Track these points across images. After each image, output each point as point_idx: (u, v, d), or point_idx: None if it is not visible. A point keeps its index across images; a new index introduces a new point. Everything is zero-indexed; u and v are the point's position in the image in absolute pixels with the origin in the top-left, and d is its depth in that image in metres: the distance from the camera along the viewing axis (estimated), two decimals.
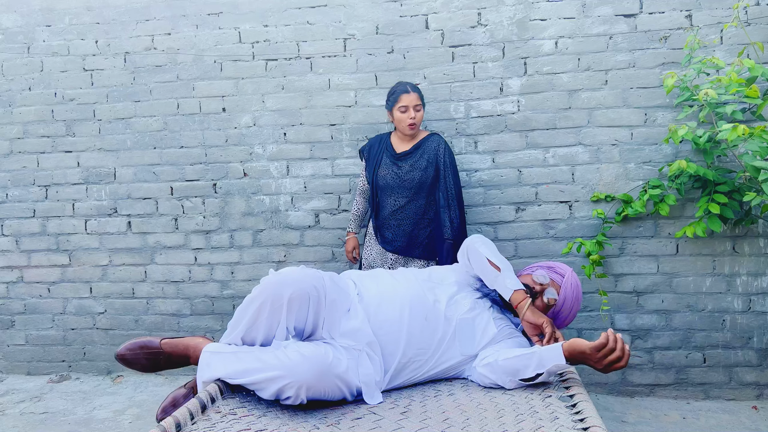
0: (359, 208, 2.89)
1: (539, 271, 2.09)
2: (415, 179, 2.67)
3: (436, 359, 1.89)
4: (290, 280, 1.70)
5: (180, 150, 3.24)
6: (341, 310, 1.82)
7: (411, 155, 2.71)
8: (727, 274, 2.86)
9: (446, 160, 2.67)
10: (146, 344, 1.90)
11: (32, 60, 3.31)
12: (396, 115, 2.66)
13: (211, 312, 3.27)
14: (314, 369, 1.60)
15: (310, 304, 1.71)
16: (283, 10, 3.10)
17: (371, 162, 2.78)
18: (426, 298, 1.92)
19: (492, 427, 1.49)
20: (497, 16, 2.95)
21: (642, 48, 2.86)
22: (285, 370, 1.59)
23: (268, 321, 1.71)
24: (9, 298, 3.43)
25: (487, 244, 2.06)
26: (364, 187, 2.86)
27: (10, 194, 3.38)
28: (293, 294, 1.68)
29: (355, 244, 2.90)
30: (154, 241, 3.29)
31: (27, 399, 3.06)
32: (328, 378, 1.64)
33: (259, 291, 1.72)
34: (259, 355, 1.67)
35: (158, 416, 1.85)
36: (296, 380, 1.58)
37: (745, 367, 2.87)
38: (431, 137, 2.74)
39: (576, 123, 2.93)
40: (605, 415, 2.69)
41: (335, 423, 1.60)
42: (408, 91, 2.64)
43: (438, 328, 1.88)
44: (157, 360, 1.91)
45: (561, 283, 2.05)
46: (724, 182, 2.66)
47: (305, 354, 1.62)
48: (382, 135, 2.85)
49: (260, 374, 1.62)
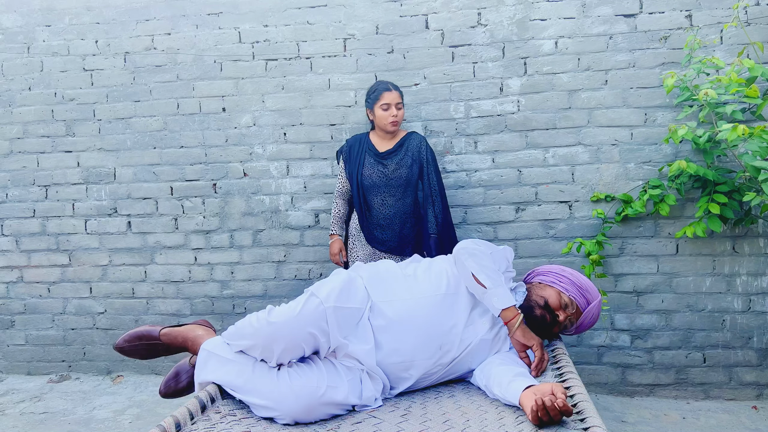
0: (340, 209, 2.86)
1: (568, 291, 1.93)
2: (402, 177, 2.68)
3: (444, 373, 1.86)
4: (282, 335, 1.64)
5: (180, 150, 3.24)
6: (348, 330, 1.74)
7: (395, 153, 2.72)
8: (727, 274, 2.86)
9: (428, 157, 2.72)
10: (145, 334, 1.91)
11: (32, 60, 3.31)
12: (377, 112, 2.68)
13: (211, 312, 3.26)
14: (302, 404, 1.60)
15: (305, 349, 1.68)
16: (283, 10, 3.10)
17: (353, 163, 2.77)
18: (442, 325, 1.80)
19: (492, 428, 1.49)
20: (497, 16, 2.95)
21: (642, 48, 2.86)
22: (274, 402, 1.61)
23: (260, 357, 1.70)
24: (9, 298, 3.43)
25: (474, 256, 1.85)
26: (343, 188, 2.84)
27: (10, 194, 3.38)
28: (285, 348, 1.65)
29: (341, 246, 2.88)
30: (154, 241, 3.29)
31: (27, 399, 3.06)
32: (318, 410, 1.63)
33: (251, 332, 1.68)
34: (252, 377, 1.66)
35: (161, 389, 1.89)
36: (284, 413, 1.60)
37: (745, 367, 2.87)
38: (412, 135, 2.76)
39: (576, 123, 2.93)
40: (605, 415, 2.69)
41: (335, 427, 1.60)
42: (390, 89, 2.66)
43: (451, 352, 1.81)
44: (156, 350, 1.93)
45: (584, 310, 1.93)
46: (724, 182, 2.66)
47: (295, 388, 1.61)
48: (359, 135, 2.84)
49: (251, 398, 1.64)
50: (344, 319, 1.72)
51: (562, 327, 1.93)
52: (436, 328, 1.79)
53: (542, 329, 1.91)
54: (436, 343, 1.78)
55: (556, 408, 1.37)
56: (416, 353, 1.77)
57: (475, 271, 1.81)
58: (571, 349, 2.98)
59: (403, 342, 1.76)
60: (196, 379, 1.77)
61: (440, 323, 1.80)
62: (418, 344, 1.77)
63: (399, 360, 1.76)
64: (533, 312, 1.89)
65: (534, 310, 1.90)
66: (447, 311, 1.82)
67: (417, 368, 1.79)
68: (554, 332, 1.95)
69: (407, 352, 1.76)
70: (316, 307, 1.67)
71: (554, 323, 1.89)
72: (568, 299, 1.91)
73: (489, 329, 1.84)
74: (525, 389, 1.53)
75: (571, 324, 1.94)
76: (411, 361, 1.77)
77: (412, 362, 1.77)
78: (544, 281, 1.98)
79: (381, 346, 1.75)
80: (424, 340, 1.77)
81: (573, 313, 1.91)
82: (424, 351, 1.78)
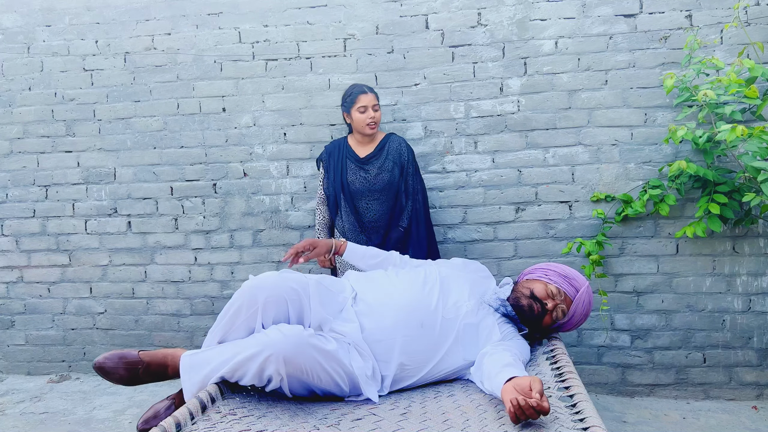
0: (324, 216, 2.82)
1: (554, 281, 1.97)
2: (385, 180, 2.66)
3: (436, 363, 1.87)
4: (266, 284, 1.71)
5: (180, 150, 3.24)
6: (331, 311, 1.83)
7: (376, 158, 2.70)
8: (727, 274, 2.86)
9: (409, 158, 2.70)
10: (125, 355, 1.88)
11: (32, 60, 3.31)
12: (355, 116, 2.64)
13: (211, 312, 3.27)
14: (291, 341, 1.61)
15: (289, 307, 1.73)
16: (283, 10, 3.10)
17: (335, 169, 2.74)
18: (423, 304, 1.88)
19: (492, 428, 1.49)
20: (497, 16, 2.95)
21: (642, 48, 2.86)
22: (262, 345, 1.61)
23: (245, 324, 1.72)
24: (9, 298, 3.43)
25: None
26: (324, 196, 2.81)
27: (10, 194, 3.38)
28: (268, 297, 1.69)
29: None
30: (154, 241, 3.29)
31: (27, 399, 3.06)
32: (308, 351, 1.63)
33: (235, 296, 1.74)
34: (239, 342, 1.71)
35: (139, 427, 1.80)
36: (274, 352, 1.59)
37: (745, 367, 2.87)
38: (391, 137, 2.74)
39: (576, 123, 2.93)
40: (605, 415, 2.69)
41: (335, 424, 1.60)
42: (365, 92, 2.63)
43: (435, 333, 1.85)
44: (136, 370, 1.85)
45: (573, 298, 1.97)
46: (724, 182, 2.66)
47: (283, 330, 1.65)
48: (337, 141, 2.81)
49: (240, 356, 1.63)
50: (326, 298, 1.83)
51: (554, 317, 1.96)
52: (416, 305, 1.87)
53: (533, 321, 1.96)
54: (416, 319, 1.85)
55: (531, 407, 1.36)
56: (397, 329, 1.83)
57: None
58: (571, 349, 2.98)
59: (383, 320, 1.85)
60: (183, 382, 1.75)
61: (421, 302, 1.88)
62: (398, 321, 1.84)
63: (381, 337, 1.83)
64: (520, 302, 1.96)
65: (520, 301, 1.96)
66: (427, 294, 1.91)
67: (400, 346, 1.82)
68: (548, 324, 1.97)
69: (388, 328, 1.83)
70: (299, 275, 1.81)
71: (544, 312, 1.94)
72: (555, 289, 1.96)
73: (472, 313, 1.90)
74: (506, 382, 1.52)
75: (563, 314, 1.97)
76: (393, 338, 1.83)
77: (394, 339, 1.83)
78: (531, 277, 2.05)
79: (364, 327, 1.84)
80: (404, 316, 1.85)
81: (562, 300, 1.96)
82: (405, 327, 1.83)
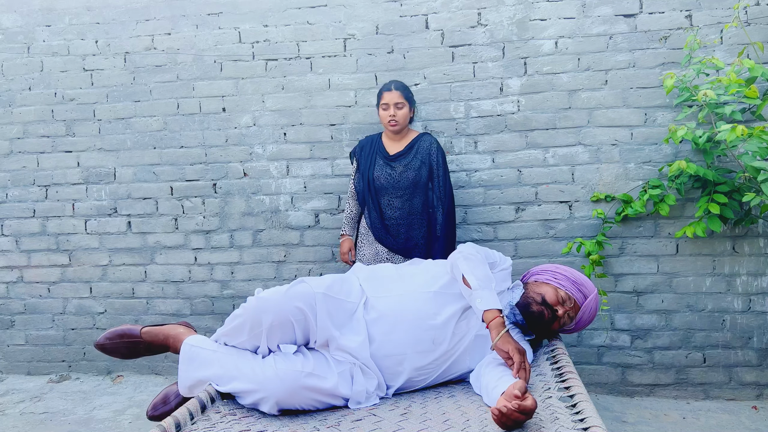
0: (352, 210, 2.87)
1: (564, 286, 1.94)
2: (409, 179, 2.67)
3: (442, 372, 1.86)
4: (270, 308, 1.67)
5: (180, 150, 3.24)
6: (340, 322, 1.78)
7: (404, 156, 2.71)
8: (727, 274, 2.86)
9: (438, 160, 2.69)
10: (126, 332, 1.89)
11: (32, 60, 3.31)
12: (379, 113, 2.70)
13: (211, 312, 3.27)
14: (285, 387, 1.61)
15: (295, 327, 1.69)
16: (283, 10, 3.10)
17: (365, 163, 2.77)
18: (434, 318, 1.82)
19: (492, 428, 1.49)
20: (497, 16, 2.95)
21: (642, 48, 2.86)
22: (258, 384, 1.62)
23: (249, 342, 1.72)
24: (9, 298, 3.43)
25: (468, 259, 1.86)
26: (355, 190, 2.84)
27: (10, 194, 3.38)
28: (273, 321, 1.66)
29: (351, 246, 2.89)
30: (154, 241, 3.29)
31: (27, 399, 3.06)
32: (301, 394, 1.64)
33: (241, 311, 1.72)
34: (238, 362, 1.69)
35: (148, 412, 1.84)
36: (267, 395, 1.61)
37: (745, 367, 2.87)
38: (423, 137, 2.75)
39: (576, 123, 2.93)
40: (605, 415, 2.69)
41: (336, 424, 1.60)
42: (390, 89, 2.64)
43: (445, 348, 1.82)
44: (137, 349, 1.90)
45: (582, 305, 1.95)
46: (724, 182, 2.66)
47: (279, 372, 1.63)
48: (372, 136, 2.84)
49: (237, 384, 1.65)
50: (335, 308, 1.76)
51: (562, 323, 1.94)
52: (428, 321, 1.81)
53: (542, 326, 1.92)
54: (428, 336, 1.80)
55: (513, 410, 1.35)
56: (408, 345, 1.79)
57: (465, 272, 1.82)
58: (571, 349, 2.98)
59: (395, 333, 1.79)
60: (180, 374, 1.77)
61: (432, 317, 1.82)
62: (410, 336, 1.79)
63: (391, 352, 1.78)
64: (531, 308, 1.91)
65: (531, 306, 1.91)
66: (440, 306, 1.84)
67: (410, 361, 1.79)
68: (554, 329, 1.96)
69: (399, 343, 1.79)
70: (305, 289, 1.73)
71: (554, 318, 1.91)
72: (565, 294, 1.93)
73: (484, 326, 1.83)
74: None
75: (570, 319, 1.95)
76: (403, 354, 1.79)
77: (404, 355, 1.79)
78: (540, 279, 2.00)
79: (373, 339, 1.79)
80: (416, 332, 1.79)
81: (571, 307, 1.93)
82: (417, 344, 1.79)
